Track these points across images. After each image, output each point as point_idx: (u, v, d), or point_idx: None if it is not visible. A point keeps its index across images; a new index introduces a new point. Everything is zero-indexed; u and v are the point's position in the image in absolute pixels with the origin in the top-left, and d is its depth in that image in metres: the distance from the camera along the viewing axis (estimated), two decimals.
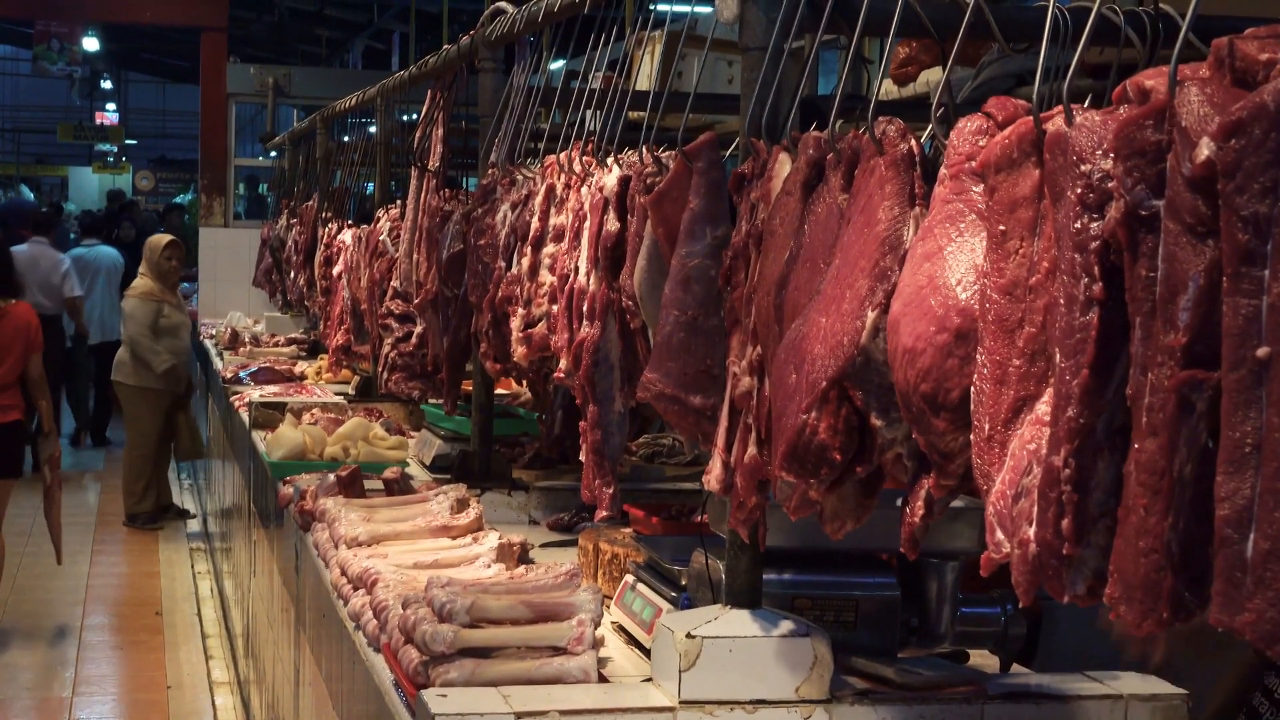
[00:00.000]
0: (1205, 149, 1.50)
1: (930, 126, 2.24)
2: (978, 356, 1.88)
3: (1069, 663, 3.23)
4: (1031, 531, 1.72)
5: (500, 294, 4.01)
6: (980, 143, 2.02)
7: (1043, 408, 1.80)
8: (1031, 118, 1.88)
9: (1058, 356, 1.71)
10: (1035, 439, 1.79)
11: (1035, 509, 1.72)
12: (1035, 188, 1.87)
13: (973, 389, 1.88)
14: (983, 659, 3.12)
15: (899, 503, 2.16)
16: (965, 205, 2.00)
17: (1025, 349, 1.82)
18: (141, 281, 10.98)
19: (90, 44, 23.44)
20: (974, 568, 3.06)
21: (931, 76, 4.71)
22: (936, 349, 1.93)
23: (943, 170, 2.08)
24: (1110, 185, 1.68)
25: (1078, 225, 1.70)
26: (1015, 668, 3.10)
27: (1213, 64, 1.60)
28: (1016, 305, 1.84)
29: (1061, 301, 1.71)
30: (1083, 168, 1.71)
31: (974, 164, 2.01)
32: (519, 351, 3.88)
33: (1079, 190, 1.71)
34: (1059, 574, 1.70)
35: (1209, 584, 1.50)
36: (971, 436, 1.88)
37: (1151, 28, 2.49)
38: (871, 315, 2.10)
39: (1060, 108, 1.86)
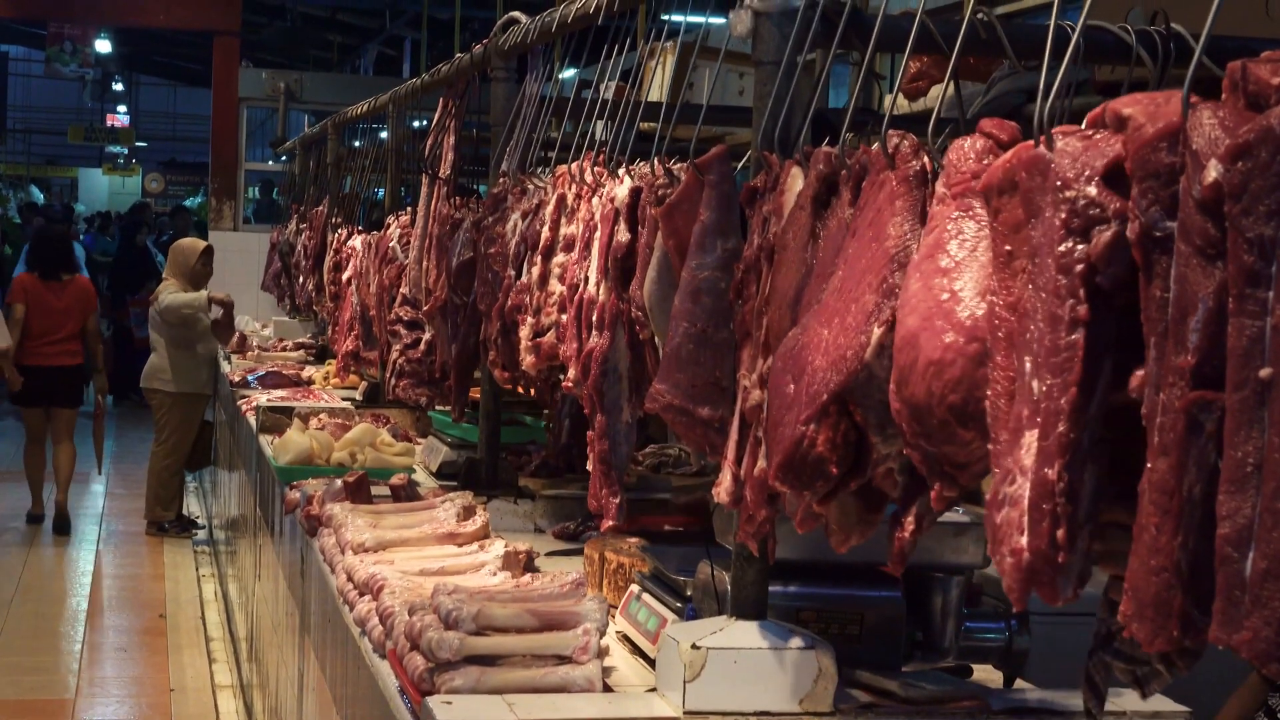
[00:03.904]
0: (1213, 171, 1.51)
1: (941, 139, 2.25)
2: (990, 373, 1.90)
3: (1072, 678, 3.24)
4: (1024, 540, 1.74)
5: (509, 302, 4.02)
6: (986, 161, 2.04)
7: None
8: (1031, 141, 1.90)
9: (1038, 372, 1.74)
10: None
11: (1027, 519, 1.74)
12: None
13: (988, 403, 1.90)
14: (986, 674, 3.13)
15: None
16: (975, 222, 2.01)
17: None
18: (171, 285, 10.64)
19: (103, 46, 23.49)
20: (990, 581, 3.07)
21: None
22: (968, 359, 1.94)
23: (941, 188, 2.09)
24: (1094, 212, 1.71)
25: (1063, 248, 1.72)
26: (1018, 683, 3.10)
27: (1227, 87, 1.61)
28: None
29: (1041, 321, 1.74)
30: (1067, 193, 1.73)
31: (979, 183, 2.02)
32: (527, 360, 3.89)
33: (1063, 215, 1.73)
34: (1052, 580, 1.73)
35: None
36: (990, 448, 1.90)
37: (1163, 47, 2.51)
38: (878, 332, 2.11)
39: (1055, 130, 1.87)
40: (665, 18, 5.15)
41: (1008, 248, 1.91)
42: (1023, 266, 1.89)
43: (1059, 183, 1.75)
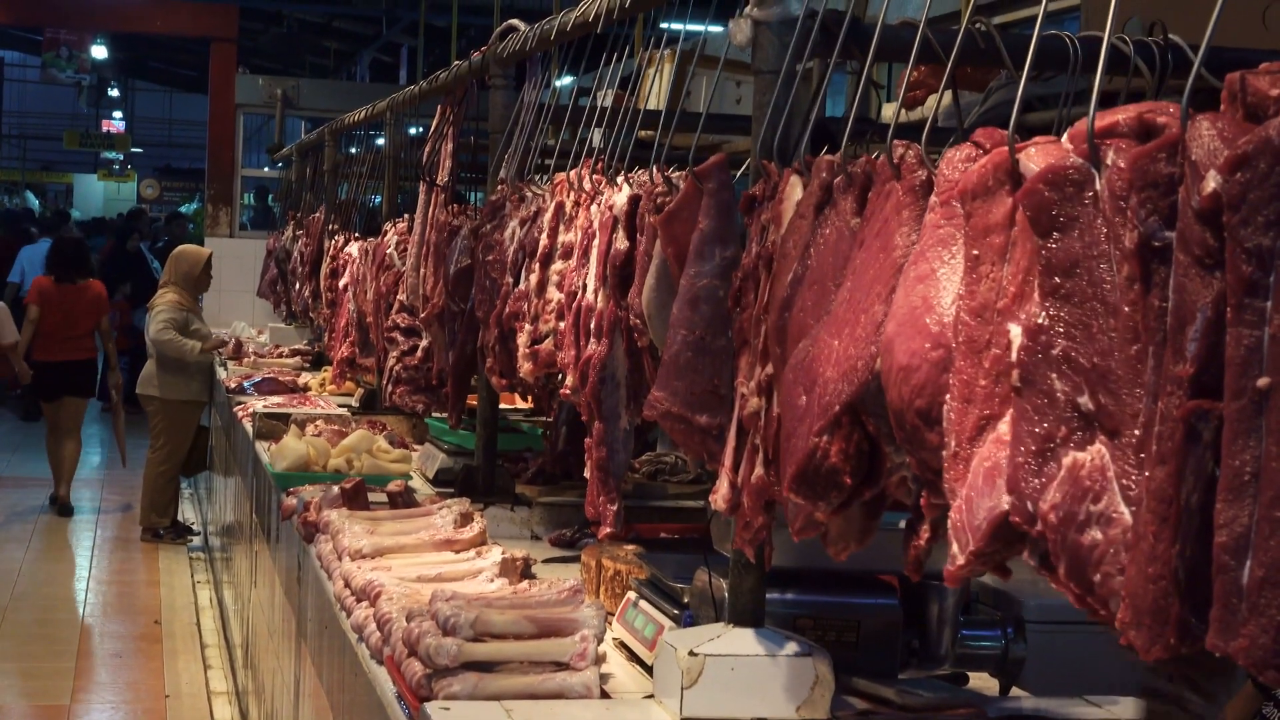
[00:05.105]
0: (1212, 181, 1.52)
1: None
2: (949, 376, 1.91)
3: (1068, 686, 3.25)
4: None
5: (507, 309, 4.03)
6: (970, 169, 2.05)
7: (1003, 427, 1.82)
8: (1005, 148, 1.91)
9: (1108, 385, 1.67)
10: (992, 457, 1.81)
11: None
12: (1007, 215, 1.89)
13: (944, 407, 1.91)
14: (982, 682, 3.14)
15: (901, 524, 2.17)
16: (956, 230, 2.02)
17: (991, 370, 1.84)
18: (169, 292, 10.58)
19: (99, 52, 23.49)
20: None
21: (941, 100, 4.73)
22: (931, 364, 1.96)
23: (933, 197, 2.10)
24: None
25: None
26: (1015, 691, 3.11)
27: (1225, 98, 1.62)
28: (985, 327, 1.87)
29: (1114, 332, 1.67)
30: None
31: (956, 189, 2.03)
32: (525, 367, 3.90)
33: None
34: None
35: None
36: (945, 452, 1.91)
37: (1160, 58, 2.52)
38: None
39: (1037, 139, 1.88)
40: (664, 26, 5.16)
41: (975, 252, 1.92)
42: (987, 271, 1.90)
43: (1127, 188, 1.68)
